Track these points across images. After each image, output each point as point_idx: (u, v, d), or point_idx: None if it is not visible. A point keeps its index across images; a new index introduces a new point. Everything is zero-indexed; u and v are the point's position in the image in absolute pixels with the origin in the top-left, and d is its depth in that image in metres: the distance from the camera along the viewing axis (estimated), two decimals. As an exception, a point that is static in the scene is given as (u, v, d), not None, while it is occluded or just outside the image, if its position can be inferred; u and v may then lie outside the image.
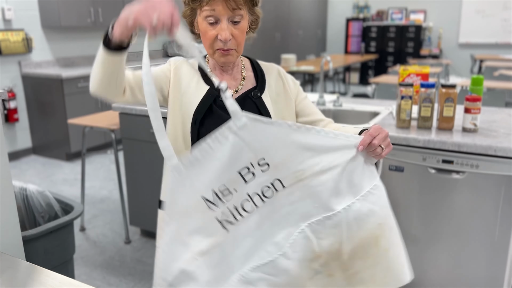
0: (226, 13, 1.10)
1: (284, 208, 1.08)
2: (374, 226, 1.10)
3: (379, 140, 1.08)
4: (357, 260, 1.10)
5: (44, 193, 1.76)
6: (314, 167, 1.06)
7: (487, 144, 1.80)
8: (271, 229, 1.07)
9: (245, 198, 1.05)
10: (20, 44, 4.63)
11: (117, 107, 2.74)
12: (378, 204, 1.11)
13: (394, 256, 1.13)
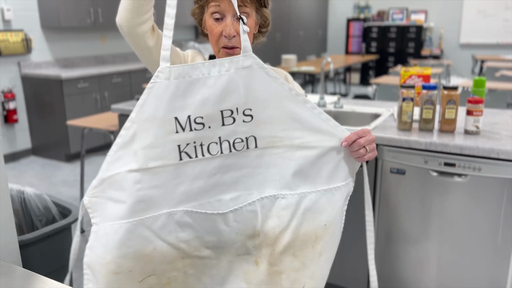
0: (231, 9, 1.09)
1: (245, 169, 1.04)
2: (320, 226, 1.07)
3: (365, 141, 1.06)
4: (287, 257, 1.06)
5: (42, 196, 1.74)
6: (294, 140, 1.04)
7: (489, 147, 1.78)
8: (223, 184, 1.03)
9: (214, 141, 1.00)
10: (20, 45, 4.61)
11: (116, 109, 2.72)
12: (333, 205, 1.08)
13: (323, 264, 1.10)
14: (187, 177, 1.00)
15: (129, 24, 1.03)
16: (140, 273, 1.01)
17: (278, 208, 1.05)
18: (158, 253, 1.01)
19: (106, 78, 4.95)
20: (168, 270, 1.03)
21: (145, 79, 5.49)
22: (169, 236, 1.01)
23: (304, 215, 1.05)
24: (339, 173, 1.08)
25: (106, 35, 5.68)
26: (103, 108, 4.95)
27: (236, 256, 1.07)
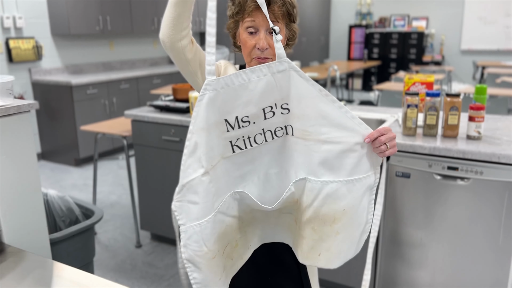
0: (264, 24, 1.20)
1: (286, 151, 1.20)
2: (338, 210, 1.20)
3: (386, 138, 1.18)
4: (308, 229, 1.23)
5: (65, 198, 1.83)
6: (320, 135, 1.18)
7: (491, 151, 1.86)
8: (268, 162, 1.20)
9: (259, 132, 1.16)
10: (31, 52, 4.72)
11: (130, 115, 2.81)
12: (353, 194, 1.21)
13: (340, 241, 1.24)
14: (240, 164, 1.18)
15: (171, 40, 1.14)
16: (222, 247, 1.22)
17: (306, 189, 1.22)
18: (229, 228, 1.22)
19: (115, 84, 5.05)
20: (235, 235, 1.25)
21: (152, 85, 5.59)
22: (233, 212, 1.22)
23: (325, 200, 1.20)
24: (361, 167, 1.20)
25: (114, 42, 5.79)
26: (111, 113, 5.05)
27: (281, 213, 1.28)
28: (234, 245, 1.27)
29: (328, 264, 1.25)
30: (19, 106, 1.28)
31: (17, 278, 1.12)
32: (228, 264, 1.26)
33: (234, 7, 1.23)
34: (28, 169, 1.34)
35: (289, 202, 1.24)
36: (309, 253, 1.25)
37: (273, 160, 1.21)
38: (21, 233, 1.34)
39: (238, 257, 1.30)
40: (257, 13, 1.19)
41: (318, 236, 1.23)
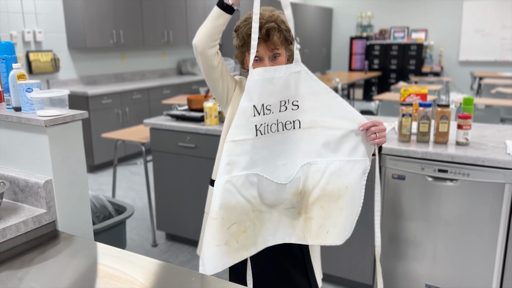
0: (266, 53, 1.44)
1: (292, 143, 1.43)
2: (341, 187, 1.44)
3: (376, 129, 1.44)
4: (316, 207, 1.44)
5: (99, 196, 2.07)
6: (326, 123, 1.43)
7: (476, 155, 2.10)
8: (277, 153, 1.42)
9: (274, 122, 1.40)
10: (49, 64, 4.99)
11: (148, 123, 3.06)
12: (353, 173, 1.45)
13: (344, 217, 1.46)
14: (258, 147, 1.39)
15: (203, 46, 1.39)
16: (228, 220, 1.37)
17: (312, 172, 1.44)
18: (239, 205, 1.37)
19: (127, 94, 5.31)
20: (244, 220, 1.40)
21: (162, 96, 5.86)
22: (246, 192, 1.38)
23: (330, 177, 1.43)
24: (358, 150, 1.45)
25: (126, 54, 6.07)
26: (124, 122, 5.30)
27: (284, 210, 1.46)
28: (242, 230, 1.39)
29: (335, 240, 1.46)
30: (73, 115, 1.52)
31: (70, 254, 1.35)
32: (231, 243, 1.38)
33: (239, 41, 1.47)
34: (78, 169, 1.58)
35: (292, 195, 1.44)
36: (318, 232, 1.45)
37: (281, 151, 1.42)
38: (71, 222, 1.57)
39: (243, 246, 1.41)
40: (259, 45, 1.42)
41: (325, 213, 1.44)
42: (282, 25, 1.46)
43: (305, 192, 1.45)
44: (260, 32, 1.40)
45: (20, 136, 1.54)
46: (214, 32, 1.38)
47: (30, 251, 1.39)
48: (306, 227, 1.47)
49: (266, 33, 1.41)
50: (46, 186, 1.47)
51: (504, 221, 2.10)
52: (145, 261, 1.33)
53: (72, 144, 1.54)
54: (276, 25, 1.43)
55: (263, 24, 1.41)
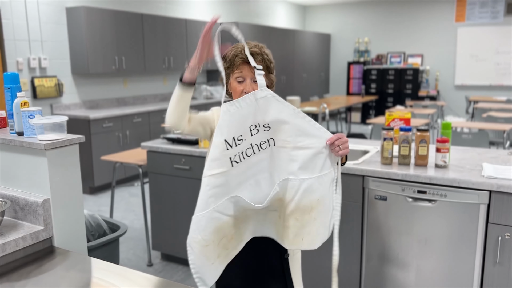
0: (249, 74, 1.61)
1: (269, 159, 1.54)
2: (314, 200, 1.57)
3: (339, 142, 1.57)
4: (292, 219, 1.57)
5: (94, 215, 2.19)
6: (297, 143, 1.55)
7: (452, 177, 2.22)
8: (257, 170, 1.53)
9: (248, 147, 1.51)
10: (53, 89, 5.18)
11: (145, 146, 3.20)
12: (323, 186, 1.57)
13: (317, 225, 1.59)
14: (236, 175, 1.50)
15: (174, 126, 1.56)
16: (218, 239, 1.51)
17: (288, 187, 1.56)
18: (225, 224, 1.50)
19: (128, 118, 5.48)
20: (231, 230, 1.54)
21: (162, 119, 6.02)
22: (229, 212, 1.51)
23: (303, 193, 1.55)
24: (326, 164, 1.58)
25: (128, 79, 6.27)
26: (125, 145, 5.45)
27: (268, 211, 1.59)
28: (230, 238, 1.54)
29: (310, 245, 1.59)
30: (70, 139, 1.66)
31: (65, 268, 1.47)
32: (222, 253, 1.55)
33: (226, 64, 1.64)
34: (74, 189, 1.71)
35: (274, 200, 1.57)
36: (294, 239, 1.58)
37: (261, 167, 1.54)
38: (67, 239, 1.69)
39: (232, 248, 1.57)
40: (243, 66, 1.61)
41: (300, 224, 1.57)
42: (265, 55, 1.65)
43: (284, 202, 1.58)
44: (245, 54, 1.59)
45: (22, 159, 1.68)
46: (181, 113, 1.52)
47: (28, 265, 1.51)
48: (284, 233, 1.60)
49: (251, 55, 1.59)
50: (44, 205, 1.60)
51: (480, 240, 2.20)
52: (136, 276, 1.44)
53: (69, 166, 1.67)
54: (259, 52, 1.63)
55: (249, 49, 1.61)
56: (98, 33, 5.36)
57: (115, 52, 5.61)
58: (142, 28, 6.00)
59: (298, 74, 9.58)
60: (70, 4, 5.33)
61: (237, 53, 1.61)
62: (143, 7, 6.42)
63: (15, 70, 4.82)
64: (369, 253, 2.51)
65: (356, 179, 2.47)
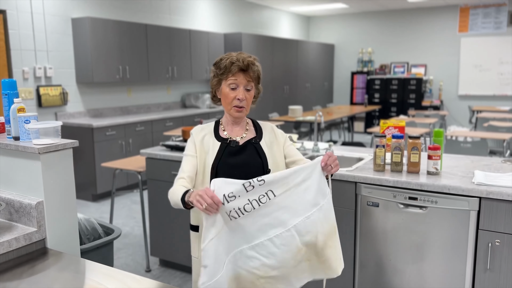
0: (243, 82, 1.68)
1: (275, 212, 1.55)
2: (333, 220, 1.64)
3: (330, 161, 1.62)
4: (327, 249, 1.61)
5: (90, 219, 2.24)
6: (296, 179, 1.58)
7: (442, 184, 2.24)
8: (265, 225, 1.54)
9: (246, 203, 1.51)
10: (58, 98, 5.28)
11: (144, 153, 3.25)
12: (331, 207, 1.64)
13: (339, 242, 1.67)
14: (240, 228, 1.52)
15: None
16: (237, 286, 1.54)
17: (308, 226, 1.58)
18: (242, 277, 1.54)
19: (131, 126, 5.56)
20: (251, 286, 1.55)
21: (165, 128, 6.09)
22: (245, 266, 1.53)
23: (324, 219, 1.61)
24: (326, 186, 1.64)
25: (131, 88, 6.37)
26: (127, 152, 5.52)
27: (293, 268, 1.59)
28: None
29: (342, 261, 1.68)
30: (64, 144, 1.72)
31: (58, 269, 1.51)
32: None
33: (219, 70, 1.70)
34: (68, 192, 1.76)
35: (294, 253, 1.56)
36: (336, 263, 1.64)
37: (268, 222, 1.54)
38: (60, 240, 1.74)
39: None
40: (239, 74, 1.68)
41: (334, 247, 1.64)
42: (257, 62, 1.74)
43: (309, 245, 1.59)
44: (242, 63, 1.67)
45: (17, 162, 1.73)
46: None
47: (21, 266, 1.55)
48: (324, 266, 1.64)
49: (247, 65, 1.67)
50: (37, 207, 1.65)
51: (471, 246, 2.21)
52: (127, 277, 1.48)
53: (63, 169, 1.73)
54: (253, 61, 1.72)
55: (244, 58, 1.68)
56: (103, 43, 5.47)
57: (119, 62, 5.71)
58: (146, 38, 6.10)
59: (301, 84, 9.64)
60: (76, 15, 5.45)
61: (234, 61, 1.67)
62: (147, 18, 6.53)
63: (21, 79, 4.93)
64: (362, 259, 2.53)
65: (349, 185, 2.50)
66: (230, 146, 1.73)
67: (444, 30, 9.61)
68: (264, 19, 9.41)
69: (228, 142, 1.74)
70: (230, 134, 1.79)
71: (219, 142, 1.75)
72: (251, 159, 1.74)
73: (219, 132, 1.79)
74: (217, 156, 1.72)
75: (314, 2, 9.01)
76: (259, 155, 1.75)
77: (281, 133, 1.87)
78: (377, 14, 10.32)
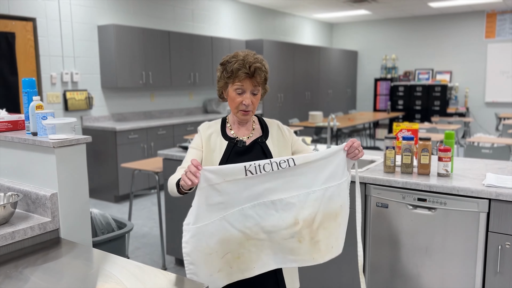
0: (250, 88, 1.70)
1: (288, 177, 1.59)
2: (337, 206, 1.65)
3: (357, 144, 1.67)
4: (321, 230, 1.62)
5: (105, 214, 2.33)
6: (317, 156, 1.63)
7: (452, 185, 2.23)
8: (272, 189, 1.57)
9: (267, 162, 1.56)
10: (83, 102, 5.48)
11: (162, 154, 3.35)
12: (343, 192, 1.67)
13: (341, 231, 1.67)
14: (250, 186, 1.55)
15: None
16: (222, 252, 1.55)
17: (311, 200, 1.61)
18: (233, 237, 1.54)
19: (153, 130, 5.70)
20: (238, 248, 1.55)
21: (186, 132, 6.22)
22: (239, 225, 1.54)
23: (328, 202, 1.63)
24: (344, 170, 1.67)
25: (154, 93, 6.53)
26: (149, 155, 5.66)
27: (283, 240, 1.60)
28: (236, 256, 1.54)
29: (337, 251, 1.67)
30: (78, 139, 1.81)
31: (71, 258, 1.59)
32: (224, 269, 1.54)
33: (226, 73, 1.71)
34: (81, 185, 1.85)
35: (290, 226, 1.59)
36: (326, 250, 1.64)
37: (277, 187, 1.56)
38: (72, 231, 1.83)
39: (237, 270, 1.56)
40: (245, 80, 1.69)
41: (329, 232, 1.64)
42: (264, 65, 1.74)
43: (306, 221, 1.61)
44: (249, 69, 1.67)
45: (34, 156, 1.84)
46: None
47: (35, 253, 1.65)
48: (314, 249, 1.63)
49: (253, 71, 1.68)
50: (52, 198, 1.75)
51: (481, 249, 2.19)
52: (136, 267, 1.55)
53: (76, 163, 1.82)
54: (260, 65, 1.71)
55: (251, 63, 1.68)
56: (127, 49, 5.65)
57: (143, 68, 5.88)
58: (169, 45, 6.26)
59: (323, 90, 9.64)
60: (102, 22, 5.66)
61: (241, 67, 1.67)
62: (170, 25, 6.71)
63: (49, 83, 5.14)
64: (371, 260, 2.53)
65: (358, 186, 2.52)
66: (237, 146, 1.76)
67: (470, 36, 9.44)
68: (286, 26, 9.49)
69: (235, 142, 1.77)
70: (237, 134, 1.81)
71: (226, 141, 1.78)
72: (257, 159, 1.75)
73: (226, 130, 1.82)
74: (224, 155, 1.75)
75: (337, 9, 9.03)
76: (265, 154, 1.78)
77: (287, 129, 1.90)
78: (401, 21, 10.23)
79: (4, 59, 4.74)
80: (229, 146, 1.77)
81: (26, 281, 1.41)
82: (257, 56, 1.75)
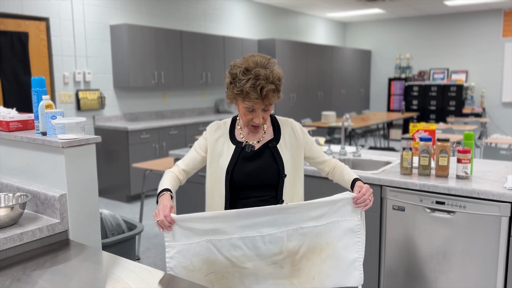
0: (260, 107, 1.62)
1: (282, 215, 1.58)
2: (323, 243, 1.64)
3: (369, 194, 1.65)
4: (303, 260, 1.62)
5: (115, 216, 2.30)
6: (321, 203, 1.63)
7: (471, 188, 2.15)
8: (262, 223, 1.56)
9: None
10: (96, 102, 5.48)
11: (173, 154, 3.31)
12: (332, 233, 1.65)
13: (326, 267, 1.65)
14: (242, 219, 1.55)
15: None
16: (206, 270, 1.56)
17: (299, 234, 1.61)
18: (218, 261, 1.56)
19: (165, 130, 5.68)
20: (223, 272, 1.57)
21: (198, 132, 6.19)
22: (227, 253, 1.56)
23: (314, 237, 1.62)
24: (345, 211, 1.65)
25: (167, 93, 6.52)
26: (161, 155, 5.64)
27: (266, 266, 1.61)
28: (219, 278, 1.58)
29: (320, 284, 1.64)
30: (87, 139, 1.78)
31: (80, 260, 1.56)
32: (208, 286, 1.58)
33: (236, 89, 1.59)
34: (90, 185, 1.82)
35: (274, 255, 1.59)
36: (306, 279, 1.63)
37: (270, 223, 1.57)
38: (82, 233, 1.79)
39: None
40: (256, 102, 1.58)
41: (311, 263, 1.64)
42: (277, 82, 1.60)
43: (290, 251, 1.61)
44: (260, 94, 1.55)
45: (43, 156, 1.81)
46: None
47: (44, 255, 1.61)
48: (293, 275, 1.63)
49: (266, 95, 1.57)
50: (60, 199, 1.71)
51: (502, 254, 2.10)
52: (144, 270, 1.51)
53: (85, 163, 1.79)
54: (273, 87, 1.58)
55: (263, 86, 1.55)
56: (139, 49, 5.64)
57: (155, 67, 5.86)
58: (181, 45, 6.24)
59: (336, 90, 9.54)
60: (114, 22, 5.66)
61: (251, 91, 1.55)
62: (182, 25, 6.68)
63: (61, 83, 5.15)
64: (387, 265, 2.46)
65: (374, 188, 2.45)
66: (245, 151, 1.70)
67: (487, 35, 9.25)
68: (299, 25, 9.41)
69: (243, 146, 1.70)
70: (246, 137, 1.74)
71: (234, 145, 1.72)
72: (266, 165, 1.70)
73: (235, 133, 1.75)
74: (232, 160, 1.69)
75: (350, 8, 8.93)
76: (275, 160, 1.71)
77: (301, 129, 1.81)
78: (415, 20, 10.08)
79: (17, 59, 4.76)
80: (236, 151, 1.71)
81: (34, 284, 1.38)
82: (269, 66, 1.59)
